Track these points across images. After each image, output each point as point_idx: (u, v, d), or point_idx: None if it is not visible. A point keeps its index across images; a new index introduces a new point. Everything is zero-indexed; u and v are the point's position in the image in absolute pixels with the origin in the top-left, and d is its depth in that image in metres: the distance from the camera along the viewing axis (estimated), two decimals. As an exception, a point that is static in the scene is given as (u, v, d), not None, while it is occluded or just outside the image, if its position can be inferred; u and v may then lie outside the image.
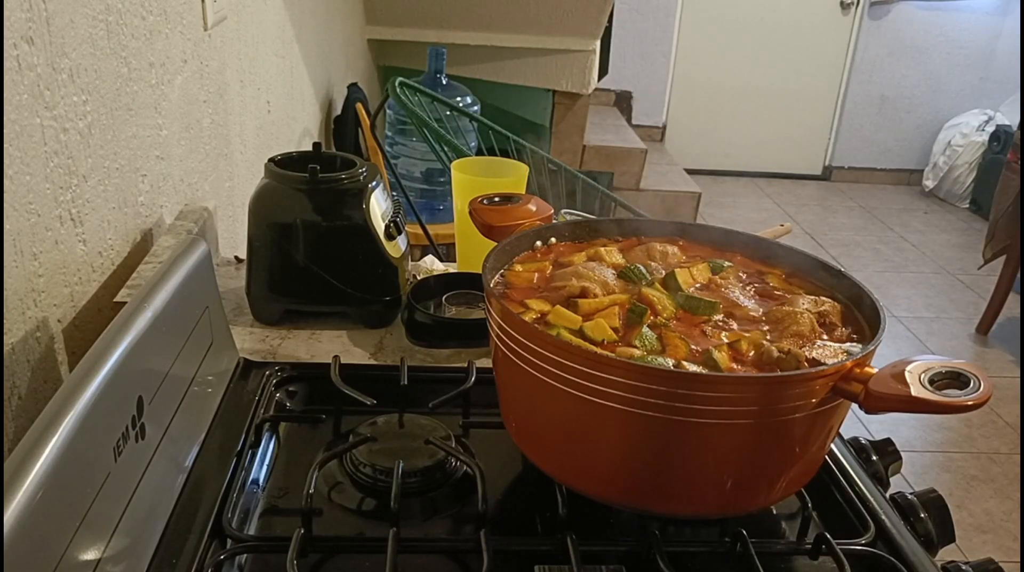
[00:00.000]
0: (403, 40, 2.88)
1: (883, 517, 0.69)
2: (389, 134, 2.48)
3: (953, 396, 0.54)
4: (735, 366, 0.62)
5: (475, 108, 2.37)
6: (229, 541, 0.62)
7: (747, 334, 0.66)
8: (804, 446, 0.62)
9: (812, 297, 0.70)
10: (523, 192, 0.99)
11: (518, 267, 0.75)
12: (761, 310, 0.69)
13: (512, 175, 1.11)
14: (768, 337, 0.65)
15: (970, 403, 0.53)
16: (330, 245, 0.92)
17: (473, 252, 1.06)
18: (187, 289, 0.72)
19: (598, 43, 2.99)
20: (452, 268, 1.13)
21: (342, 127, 2.33)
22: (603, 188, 2.29)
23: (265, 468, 0.73)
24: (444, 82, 2.34)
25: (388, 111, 2.45)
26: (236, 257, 1.11)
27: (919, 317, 3.43)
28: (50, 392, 0.71)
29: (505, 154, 2.07)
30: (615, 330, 0.65)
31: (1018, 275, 3.21)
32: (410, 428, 0.76)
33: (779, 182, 5.11)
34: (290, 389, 0.84)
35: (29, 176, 0.69)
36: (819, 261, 0.75)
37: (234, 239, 1.30)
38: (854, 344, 0.65)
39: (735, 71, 4.88)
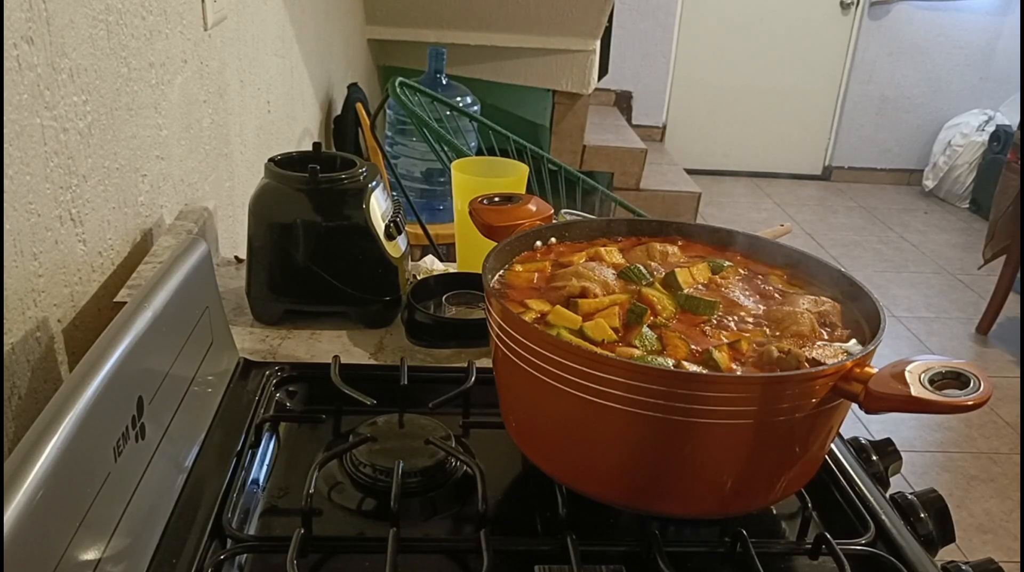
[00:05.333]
0: (403, 40, 2.88)
1: (883, 517, 0.69)
2: (389, 134, 2.48)
3: (953, 396, 0.54)
4: (735, 366, 0.62)
5: (475, 108, 2.37)
6: (229, 541, 0.62)
7: (747, 334, 0.66)
8: (804, 446, 0.62)
9: (812, 297, 0.70)
10: (523, 192, 0.99)
11: (518, 267, 0.75)
12: (761, 310, 0.69)
13: (512, 175, 1.11)
14: (768, 337, 0.65)
15: (970, 403, 0.53)
16: (330, 245, 0.92)
17: (473, 252, 1.06)
18: (187, 289, 0.72)
19: (598, 43, 2.99)
20: (452, 268, 1.13)
21: (342, 127, 2.33)
22: (603, 188, 2.29)
23: (265, 468, 0.73)
24: (444, 82, 2.34)
25: (388, 111, 2.45)
26: (236, 257, 1.11)
27: (919, 317, 3.43)
28: (50, 392, 0.71)
29: (505, 154, 2.07)
30: (615, 330, 0.65)
31: (1018, 275, 3.21)
32: (410, 428, 0.76)
33: (779, 182, 5.11)
34: (290, 389, 0.84)
35: (29, 176, 0.69)
36: (819, 261, 0.75)
37: (234, 239, 1.30)
38: (854, 344, 0.65)
39: (735, 71, 4.88)
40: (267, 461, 0.74)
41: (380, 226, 0.94)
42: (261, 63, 1.50)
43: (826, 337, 0.66)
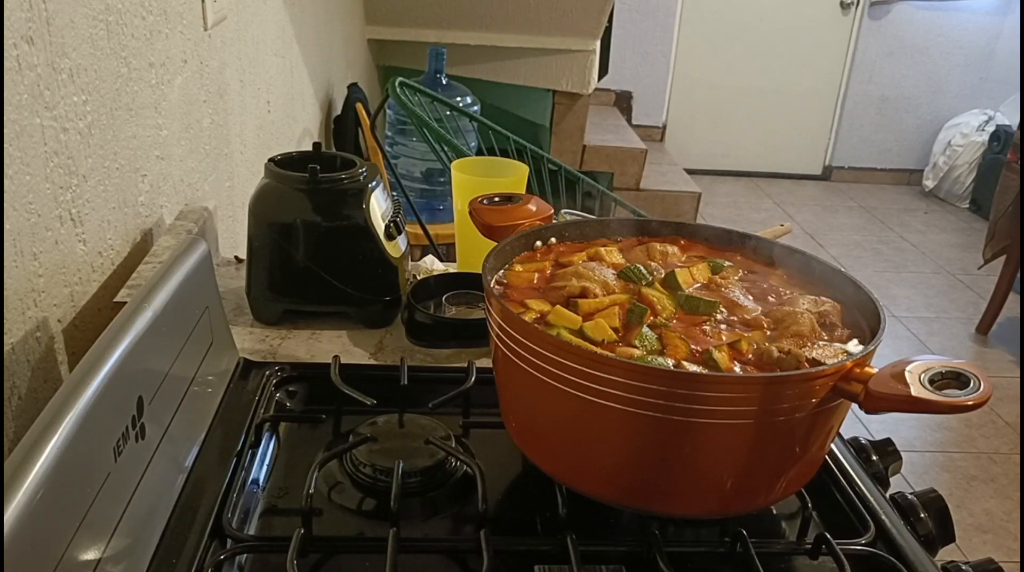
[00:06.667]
0: (403, 40, 2.88)
1: (883, 517, 0.69)
2: (389, 134, 2.48)
3: (953, 396, 0.54)
4: (735, 366, 0.62)
5: (475, 108, 2.37)
6: (229, 541, 0.62)
7: (747, 334, 0.66)
8: (804, 446, 0.62)
9: (812, 297, 0.70)
10: (523, 192, 0.99)
11: (518, 267, 0.75)
12: (761, 310, 0.69)
13: (512, 175, 1.11)
14: (768, 337, 0.65)
15: (970, 403, 0.53)
16: (330, 245, 0.92)
17: (473, 252, 1.06)
18: (187, 289, 0.72)
19: (598, 43, 2.99)
20: (452, 268, 1.13)
21: (342, 127, 2.33)
22: (603, 188, 2.29)
23: (265, 468, 0.73)
24: (444, 82, 2.34)
25: (388, 111, 2.45)
26: (236, 257, 1.11)
27: (919, 317, 3.43)
28: (50, 392, 0.71)
29: (505, 154, 2.07)
30: (615, 330, 0.65)
31: (1018, 275, 3.21)
32: (410, 428, 0.76)
33: (779, 182, 5.11)
34: (290, 389, 0.84)
35: (29, 176, 0.69)
36: (819, 261, 0.75)
37: (234, 239, 1.30)
38: (854, 344, 0.65)
39: (735, 71, 4.88)
40: (267, 461, 0.74)
41: (380, 226, 0.94)
42: (261, 63, 1.50)
43: (826, 337, 0.66)
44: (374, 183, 0.95)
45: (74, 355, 0.78)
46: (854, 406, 0.58)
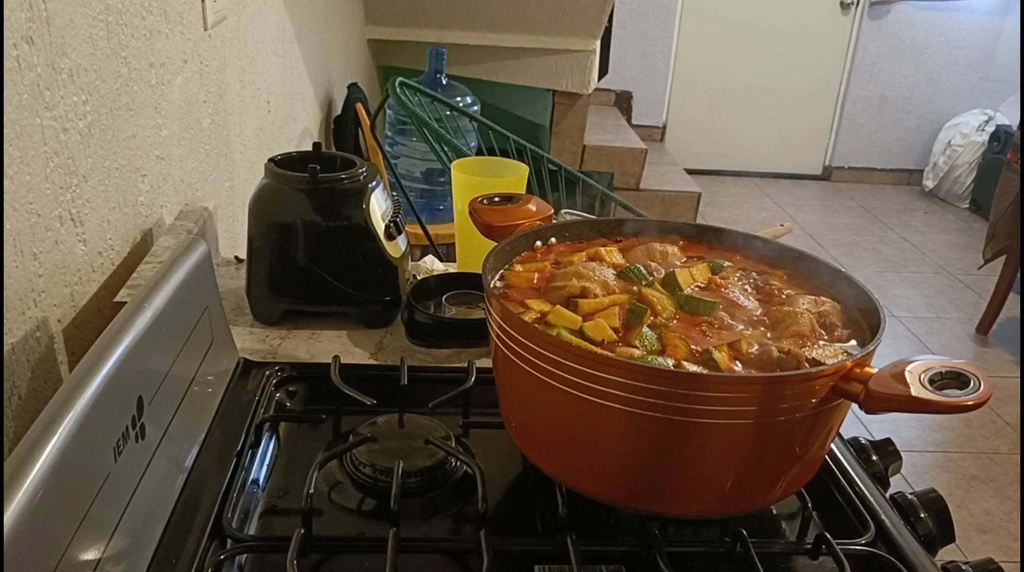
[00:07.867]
0: (403, 40, 2.88)
1: (883, 517, 0.69)
2: (389, 134, 2.48)
3: (953, 396, 0.54)
4: (735, 366, 0.62)
5: (475, 108, 2.37)
6: (229, 541, 0.62)
7: (747, 334, 0.66)
8: (804, 446, 0.62)
9: (812, 297, 0.70)
10: (523, 192, 0.99)
11: (518, 267, 0.75)
12: (761, 310, 0.69)
13: (512, 175, 1.11)
14: (768, 337, 0.65)
15: (970, 403, 0.53)
16: (330, 245, 0.92)
17: (473, 252, 1.06)
18: (187, 289, 0.72)
19: (598, 43, 2.99)
20: (452, 268, 1.13)
21: (342, 127, 2.33)
22: (603, 188, 2.29)
23: (265, 468, 0.73)
24: (444, 82, 2.34)
25: (388, 111, 2.45)
26: (236, 257, 1.11)
27: (919, 317, 3.43)
28: (50, 392, 0.71)
29: (505, 154, 2.07)
30: (615, 330, 0.65)
31: (1018, 275, 3.21)
32: (410, 428, 0.76)
33: (779, 182, 5.11)
34: (290, 389, 0.84)
35: (29, 176, 0.69)
36: (819, 261, 0.75)
37: (234, 239, 1.30)
38: (854, 344, 0.65)
39: (735, 71, 4.88)
40: (267, 461, 0.74)
41: (380, 226, 0.94)
42: (261, 63, 1.50)
43: (826, 337, 0.66)
44: (374, 183, 0.95)
45: (74, 355, 0.78)
46: (854, 406, 0.58)
